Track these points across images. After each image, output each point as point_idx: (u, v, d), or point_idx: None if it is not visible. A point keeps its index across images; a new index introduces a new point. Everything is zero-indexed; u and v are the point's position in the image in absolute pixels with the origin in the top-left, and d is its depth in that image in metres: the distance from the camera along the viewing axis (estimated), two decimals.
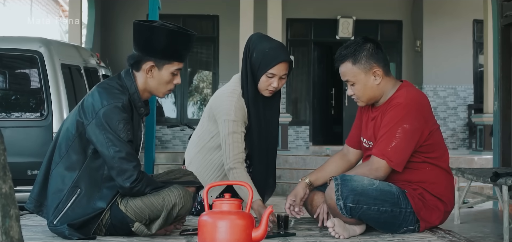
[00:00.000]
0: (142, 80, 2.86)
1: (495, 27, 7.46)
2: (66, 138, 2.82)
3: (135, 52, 2.86)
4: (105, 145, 2.71)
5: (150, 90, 2.90)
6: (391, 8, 13.07)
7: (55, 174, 2.81)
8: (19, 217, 1.72)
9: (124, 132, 2.73)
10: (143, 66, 2.84)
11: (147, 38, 2.82)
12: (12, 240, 1.66)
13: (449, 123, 12.87)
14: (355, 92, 3.07)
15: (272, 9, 10.85)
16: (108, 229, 2.82)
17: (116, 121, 2.72)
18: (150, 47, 2.82)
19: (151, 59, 2.83)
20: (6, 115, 5.64)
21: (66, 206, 2.76)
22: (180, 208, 2.80)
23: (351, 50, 3.03)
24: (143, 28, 2.84)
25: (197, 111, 13.55)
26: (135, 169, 2.74)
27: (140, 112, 2.89)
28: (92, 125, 2.74)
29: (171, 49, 2.83)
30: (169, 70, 2.86)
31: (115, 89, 2.81)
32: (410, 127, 2.92)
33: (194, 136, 3.70)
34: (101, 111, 2.73)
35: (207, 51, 13.24)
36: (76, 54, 6.46)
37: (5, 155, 1.72)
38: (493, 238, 5.61)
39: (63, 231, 2.75)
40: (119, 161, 2.71)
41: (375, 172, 2.94)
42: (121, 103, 2.75)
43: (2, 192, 1.68)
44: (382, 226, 2.98)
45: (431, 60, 12.68)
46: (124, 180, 2.72)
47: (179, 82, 2.94)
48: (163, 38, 2.81)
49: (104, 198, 2.78)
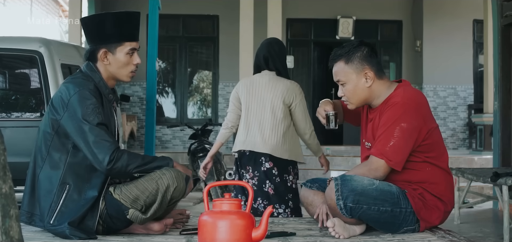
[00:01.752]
0: (102, 68, 2.94)
1: (495, 27, 7.47)
2: (44, 139, 2.86)
3: (88, 45, 2.97)
4: (78, 134, 2.76)
5: (113, 76, 2.97)
6: (391, 8, 13.07)
7: (41, 177, 2.83)
8: (19, 217, 1.72)
9: (94, 115, 2.78)
10: (98, 55, 2.93)
11: (93, 28, 2.94)
12: (12, 240, 1.66)
13: (449, 123, 12.87)
14: (345, 92, 3.09)
15: (272, 9, 10.85)
16: (105, 220, 2.82)
17: (84, 106, 2.78)
18: (98, 34, 2.92)
19: (103, 45, 2.92)
20: (6, 115, 5.64)
21: (58, 204, 2.78)
22: (173, 190, 2.82)
23: (345, 50, 3.07)
24: (87, 20, 2.99)
25: (197, 111, 13.55)
26: (109, 148, 2.76)
27: (109, 98, 2.94)
28: (65, 118, 2.79)
29: (117, 31, 2.92)
30: (123, 52, 2.94)
31: (80, 79, 2.88)
32: (408, 126, 2.92)
33: (271, 125, 4.18)
34: (70, 100, 2.79)
35: (207, 51, 13.24)
36: (76, 54, 6.45)
37: (5, 155, 1.72)
38: (493, 238, 5.61)
39: (63, 230, 2.75)
40: (93, 145, 2.75)
41: (374, 172, 2.95)
42: (88, 89, 2.82)
43: (2, 192, 1.68)
44: (382, 226, 2.98)
45: (431, 60, 12.68)
46: (101, 162, 2.75)
47: (138, 61, 3.00)
48: (107, 23, 2.92)
49: (94, 187, 2.80)
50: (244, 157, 4.24)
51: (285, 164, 4.19)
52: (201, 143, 7.40)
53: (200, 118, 12.98)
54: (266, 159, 4.16)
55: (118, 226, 2.85)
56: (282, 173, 4.18)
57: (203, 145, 7.32)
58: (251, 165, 4.19)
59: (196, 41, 13.20)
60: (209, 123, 7.94)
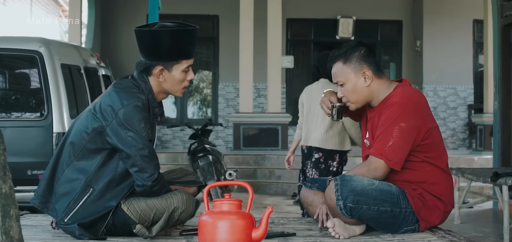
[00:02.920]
0: (155, 83, 2.87)
1: (495, 27, 7.47)
2: (80, 138, 2.81)
3: (142, 58, 2.87)
4: (128, 144, 2.73)
5: (166, 91, 2.92)
6: (391, 8, 13.07)
7: (67, 173, 2.81)
8: (19, 217, 1.72)
9: (145, 131, 2.76)
10: (153, 71, 2.85)
11: (149, 43, 2.83)
12: (12, 240, 1.67)
13: (449, 123, 12.87)
14: (345, 93, 3.09)
15: (272, 9, 10.85)
16: (109, 229, 2.83)
17: (137, 120, 2.74)
18: (155, 51, 2.83)
19: (159, 63, 2.83)
20: (6, 115, 5.64)
21: (77, 205, 2.77)
22: (181, 212, 2.81)
23: (342, 51, 3.09)
24: (144, 34, 2.84)
25: (197, 111, 13.55)
26: (156, 168, 2.77)
27: (154, 112, 2.90)
28: (112, 125, 2.74)
29: (176, 49, 2.83)
30: (179, 69, 2.87)
31: (133, 88, 2.82)
32: (406, 125, 2.92)
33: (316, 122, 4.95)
34: (121, 111, 2.74)
35: (207, 51, 13.25)
36: (76, 54, 6.45)
37: (5, 155, 1.72)
38: (493, 238, 5.61)
39: (73, 230, 2.76)
40: (141, 159, 2.73)
41: (374, 172, 2.95)
42: (141, 102, 2.77)
43: (2, 192, 1.68)
44: (382, 226, 2.98)
45: (431, 60, 12.68)
46: (146, 178, 2.74)
47: (192, 77, 2.95)
48: (165, 40, 2.81)
49: (115, 197, 2.80)
50: (306, 150, 5.08)
51: (331, 153, 4.97)
52: (201, 143, 7.39)
53: (200, 118, 12.99)
54: (316, 151, 4.98)
55: (120, 235, 2.86)
56: (327, 160, 4.98)
57: (203, 145, 7.30)
58: (309, 158, 5.00)
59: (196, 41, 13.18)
60: (209, 123, 7.92)
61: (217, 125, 9.89)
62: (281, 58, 11.35)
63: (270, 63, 10.90)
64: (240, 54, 10.82)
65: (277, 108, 11.00)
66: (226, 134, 12.69)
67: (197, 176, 3.23)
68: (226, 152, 10.60)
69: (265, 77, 11.28)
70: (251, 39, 10.73)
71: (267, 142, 10.89)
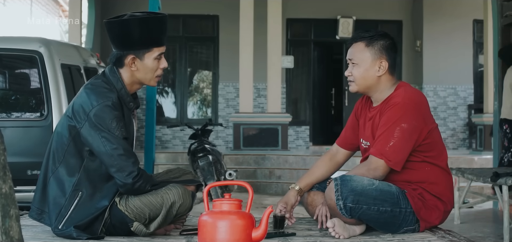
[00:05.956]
0: (128, 74, 2.88)
1: (495, 27, 7.47)
2: (61, 143, 2.82)
3: (114, 50, 2.88)
4: (102, 144, 2.72)
5: (139, 81, 2.91)
6: (391, 8, 13.07)
7: (53, 180, 2.81)
8: (19, 217, 1.72)
9: (118, 130, 2.74)
10: (125, 60, 2.86)
11: (120, 33, 2.85)
12: (12, 240, 1.67)
13: (449, 123, 12.87)
14: (354, 73, 3.09)
15: (272, 9, 10.85)
16: (108, 228, 2.83)
17: (108, 120, 2.73)
18: (126, 40, 2.84)
19: (130, 52, 2.85)
20: (6, 115, 5.64)
21: (69, 211, 2.77)
22: (179, 206, 2.81)
23: (369, 34, 3.09)
24: (113, 25, 2.86)
25: (197, 111, 13.55)
26: (135, 165, 2.75)
27: (129, 107, 2.89)
28: (85, 127, 2.75)
29: (146, 37, 2.85)
30: (151, 57, 2.87)
31: (103, 88, 2.82)
32: (408, 126, 2.92)
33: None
34: (92, 112, 2.74)
35: (207, 51, 13.24)
36: (76, 54, 6.45)
37: (5, 155, 1.72)
38: (493, 238, 5.61)
39: (70, 233, 2.76)
40: (118, 158, 2.72)
41: (374, 172, 2.95)
42: (111, 101, 2.76)
43: (2, 192, 1.68)
44: (382, 226, 2.98)
45: (431, 60, 12.68)
46: (126, 177, 2.73)
47: (165, 65, 2.94)
48: (135, 29, 2.83)
49: (106, 196, 2.79)
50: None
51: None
52: (201, 143, 7.39)
53: (200, 118, 12.98)
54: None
55: (119, 234, 2.85)
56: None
57: (203, 145, 7.30)
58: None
59: (196, 41, 13.20)
60: (209, 123, 7.93)
61: (217, 125, 9.89)
62: (281, 58, 11.35)
63: (270, 63, 10.90)
64: (240, 54, 10.82)
65: (277, 108, 11.00)
66: (226, 134, 12.69)
67: (195, 175, 3.21)
68: (226, 152, 10.60)
69: (265, 77, 11.28)
70: (251, 39, 10.73)
71: (267, 142, 10.89)
